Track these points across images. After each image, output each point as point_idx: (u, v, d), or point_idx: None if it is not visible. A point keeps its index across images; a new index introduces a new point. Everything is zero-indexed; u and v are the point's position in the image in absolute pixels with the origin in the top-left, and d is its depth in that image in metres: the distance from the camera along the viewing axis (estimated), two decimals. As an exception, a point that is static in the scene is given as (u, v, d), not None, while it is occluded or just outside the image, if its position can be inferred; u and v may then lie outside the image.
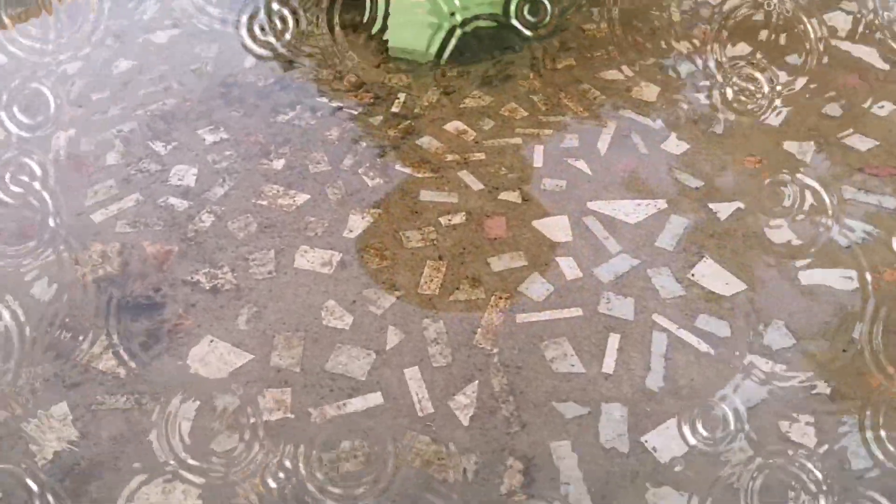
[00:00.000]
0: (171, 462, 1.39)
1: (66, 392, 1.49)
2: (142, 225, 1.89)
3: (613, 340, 1.53)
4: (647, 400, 1.45)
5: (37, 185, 1.98)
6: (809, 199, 1.91)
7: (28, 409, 1.45)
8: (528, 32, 2.60)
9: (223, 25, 2.74)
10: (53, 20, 2.66)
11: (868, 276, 1.69)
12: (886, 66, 2.37)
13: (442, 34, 2.51)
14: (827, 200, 1.92)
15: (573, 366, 1.50)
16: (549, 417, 1.41)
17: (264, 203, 1.96)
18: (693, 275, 1.69)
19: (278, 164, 2.09)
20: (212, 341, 1.59)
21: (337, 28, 2.71)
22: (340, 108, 2.31)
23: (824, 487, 1.32)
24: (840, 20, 2.57)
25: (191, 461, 1.38)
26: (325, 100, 2.33)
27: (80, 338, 1.60)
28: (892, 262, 1.74)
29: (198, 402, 1.46)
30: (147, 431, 1.42)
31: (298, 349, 1.57)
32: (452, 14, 2.55)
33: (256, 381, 1.51)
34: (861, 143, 2.07)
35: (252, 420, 1.42)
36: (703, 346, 1.52)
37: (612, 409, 1.41)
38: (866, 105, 2.23)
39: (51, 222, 1.87)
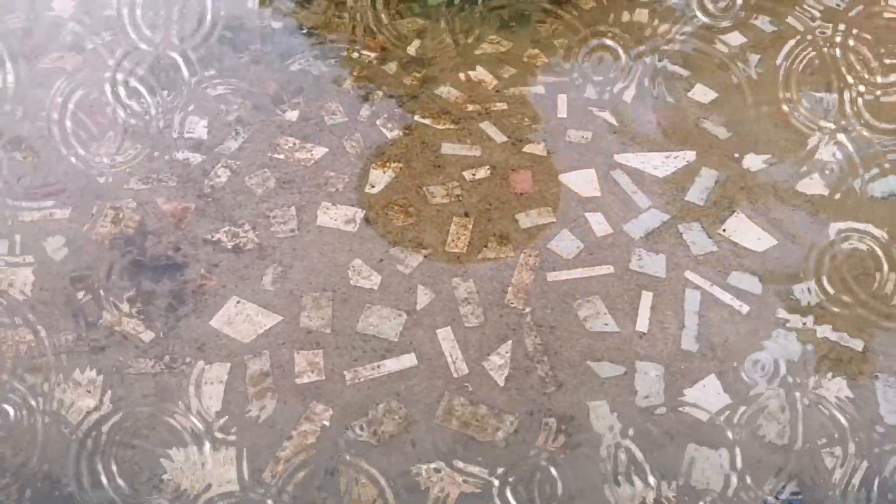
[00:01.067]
0: (202, 426, 1.39)
1: (93, 356, 1.47)
2: (155, 181, 1.83)
3: (646, 298, 1.52)
4: (683, 358, 1.45)
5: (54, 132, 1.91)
6: (837, 151, 1.88)
7: (55, 373, 1.44)
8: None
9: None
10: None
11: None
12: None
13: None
14: (854, 153, 1.89)
15: (607, 325, 1.49)
16: (584, 377, 1.41)
17: (281, 157, 1.89)
18: (724, 230, 1.67)
19: (292, 115, 2.01)
20: (238, 302, 1.56)
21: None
22: (350, 54, 2.22)
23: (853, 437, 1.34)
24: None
25: (225, 424, 1.38)
26: (337, 45, 2.24)
27: (101, 299, 1.57)
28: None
29: (229, 365, 1.45)
30: (179, 395, 1.42)
31: (327, 310, 1.55)
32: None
33: (287, 342, 1.49)
34: None
35: (285, 382, 1.41)
36: (737, 304, 1.51)
37: (647, 368, 1.41)
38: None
39: (75, 182, 1.81)
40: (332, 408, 1.38)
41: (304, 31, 2.29)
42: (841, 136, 1.89)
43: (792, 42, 2.11)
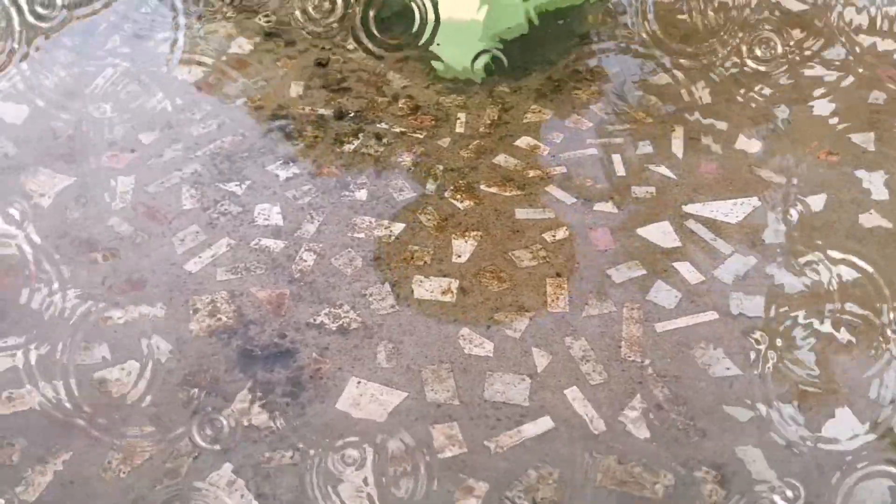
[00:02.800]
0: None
1: (225, 454, 1.42)
2: (243, 270, 1.82)
3: (757, 339, 1.58)
4: (810, 393, 1.50)
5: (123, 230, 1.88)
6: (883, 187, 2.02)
7: (191, 475, 1.38)
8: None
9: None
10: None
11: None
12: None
13: (488, 54, 2.53)
14: None
15: (728, 368, 1.54)
16: (724, 423, 1.44)
17: (361, 236, 1.92)
18: (809, 267, 1.76)
19: (361, 194, 2.05)
20: (359, 383, 1.55)
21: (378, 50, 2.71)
22: (404, 133, 2.29)
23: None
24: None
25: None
26: (385, 125, 2.31)
27: (219, 395, 1.53)
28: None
29: (367, 448, 1.42)
30: (327, 483, 1.38)
31: (450, 381, 1.55)
32: (496, 35, 2.57)
33: (419, 418, 1.48)
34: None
35: (429, 458, 1.39)
36: (844, 335, 1.59)
37: (780, 407, 1.46)
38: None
39: (148, 276, 1.79)
40: (483, 480, 1.37)
41: (351, 115, 2.36)
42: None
43: (820, 90, 2.30)
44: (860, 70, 2.43)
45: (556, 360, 1.57)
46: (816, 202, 1.94)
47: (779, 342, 1.58)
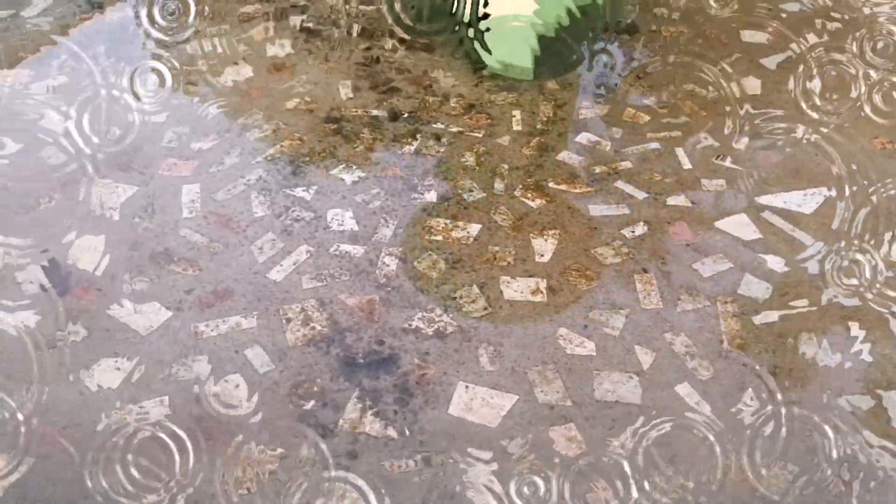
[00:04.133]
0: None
1: (351, 463, 1.41)
2: (328, 277, 1.80)
3: (855, 327, 1.61)
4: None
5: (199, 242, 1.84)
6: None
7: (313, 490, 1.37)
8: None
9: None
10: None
11: None
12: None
13: (537, 50, 2.52)
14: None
15: (833, 357, 1.56)
16: (842, 414, 1.47)
17: (439, 238, 1.90)
18: (892, 253, 1.80)
19: (430, 196, 2.04)
20: (467, 387, 1.54)
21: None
22: (462, 133, 2.28)
23: None
24: None
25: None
26: (441, 125, 2.29)
27: (329, 405, 1.51)
28: None
29: (489, 452, 1.42)
30: (456, 489, 1.37)
31: (558, 382, 1.55)
32: (546, 30, 2.57)
33: (534, 421, 1.48)
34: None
35: (556, 460, 1.40)
36: (937, 321, 1.63)
37: (892, 396, 1.49)
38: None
39: (233, 286, 1.76)
40: (606, 478, 1.38)
41: (405, 115, 2.34)
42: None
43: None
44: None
45: (660, 357, 1.59)
46: (890, 190, 1.98)
47: (877, 331, 1.61)
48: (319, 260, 1.84)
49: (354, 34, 2.76)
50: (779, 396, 1.49)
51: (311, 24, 2.82)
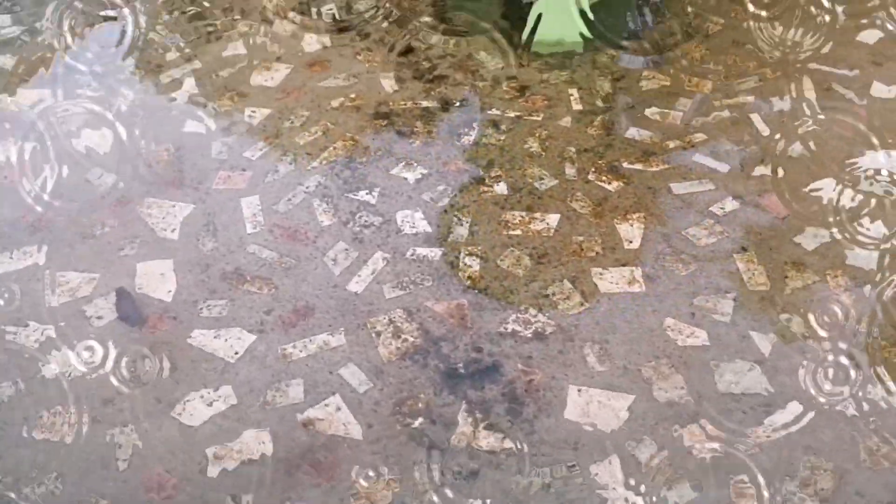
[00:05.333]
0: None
1: (471, 483, 1.34)
2: (410, 284, 1.72)
3: (981, 293, 1.53)
4: None
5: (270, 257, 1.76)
6: None
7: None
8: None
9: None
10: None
11: None
12: None
13: (582, 21, 2.41)
14: None
15: (963, 327, 1.49)
16: (980, 385, 1.39)
17: (517, 232, 1.82)
18: None
19: (500, 188, 1.94)
20: (580, 390, 1.47)
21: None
22: (520, 117, 2.18)
23: None
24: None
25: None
26: (497, 111, 2.19)
27: (438, 420, 1.44)
28: None
29: (617, 457, 1.35)
30: (590, 496, 1.30)
31: (676, 377, 1.47)
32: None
33: (661, 420, 1.40)
34: None
35: (690, 464, 1.33)
36: None
37: None
38: None
39: (314, 301, 1.68)
40: (750, 476, 1.31)
41: (457, 104, 2.24)
42: None
43: None
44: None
45: (780, 342, 1.50)
46: (982, 141, 1.89)
47: None
48: (398, 266, 1.76)
49: (387, 23, 2.66)
50: (916, 374, 1.42)
51: (338, 15, 2.71)
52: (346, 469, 1.36)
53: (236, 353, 1.59)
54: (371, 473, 1.34)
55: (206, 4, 2.77)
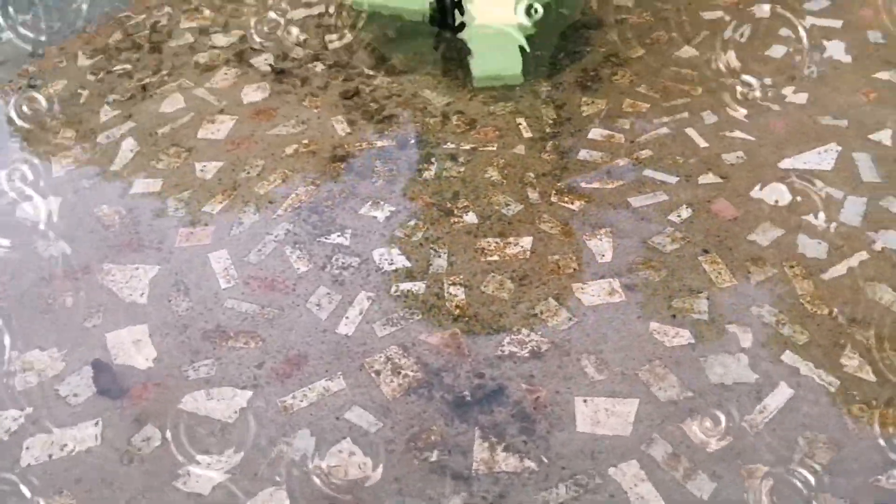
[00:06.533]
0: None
1: (499, 507, 1.34)
2: (399, 321, 1.72)
3: (916, 268, 1.71)
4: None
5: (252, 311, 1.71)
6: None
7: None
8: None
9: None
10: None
11: None
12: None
13: (521, 55, 2.52)
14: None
15: (908, 299, 1.65)
16: (933, 348, 1.55)
17: (495, 258, 1.86)
18: (916, 195, 1.92)
19: (469, 217, 1.99)
20: (586, 401, 1.51)
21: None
22: (476, 149, 2.24)
23: None
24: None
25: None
26: (452, 145, 2.25)
27: (455, 451, 1.43)
28: None
29: (634, 461, 1.40)
30: (617, 500, 1.33)
31: (671, 377, 1.54)
32: (528, 34, 2.57)
33: (666, 418, 1.46)
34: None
35: (701, 456, 1.39)
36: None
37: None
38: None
39: (305, 349, 1.64)
40: (759, 461, 1.39)
41: (412, 142, 2.28)
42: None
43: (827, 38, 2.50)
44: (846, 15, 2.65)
45: (754, 331, 1.62)
46: (884, 137, 2.12)
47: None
48: (384, 304, 1.76)
49: (325, 68, 2.69)
50: (872, 345, 1.56)
51: (277, 64, 2.71)
52: (374, 513, 1.35)
53: (234, 413, 1.53)
54: (397, 512, 1.33)
55: (129, 67, 2.72)
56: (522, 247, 1.90)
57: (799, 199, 1.94)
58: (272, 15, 3.03)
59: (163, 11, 3.08)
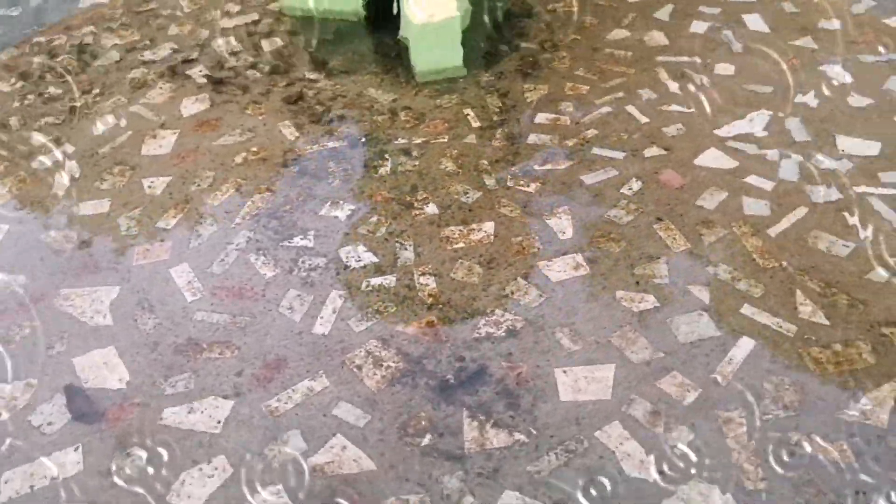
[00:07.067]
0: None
1: (498, 478, 1.37)
2: (374, 315, 1.72)
3: (850, 217, 1.82)
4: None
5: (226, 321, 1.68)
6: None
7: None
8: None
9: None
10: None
11: None
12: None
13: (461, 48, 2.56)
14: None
15: (847, 246, 1.75)
16: (872, 287, 1.66)
17: (461, 245, 1.89)
18: (843, 150, 2.05)
19: (430, 208, 2.01)
20: (565, 371, 1.56)
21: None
22: (427, 142, 2.27)
23: None
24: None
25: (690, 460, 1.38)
26: (404, 140, 2.27)
27: (446, 434, 1.45)
28: None
29: (616, 422, 1.45)
30: (606, 465, 1.38)
31: (642, 339, 1.61)
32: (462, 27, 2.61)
33: (642, 379, 1.52)
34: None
35: (678, 409, 1.45)
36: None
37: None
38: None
39: (284, 352, 1.62)
40: (733, 409, 1.46)
41: (363, 140, 2.29)
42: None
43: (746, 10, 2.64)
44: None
45: (714, 289, 1.70)
46: (808, 99, 2.26)
47: (867, 214, 1.84)
48: (357, 300, 1.77)
49: (263, 75, 2.66)
50: (819, 290, 1.67)
51: (214, 74, 2.67)
52: (378, 501, 1.35)
53: (218, 422, 1.51)
54: (402, 498, 1.34)
55: (56, 89, 2.62)
56: (486, 232, 1.94)
57: (738, 163, 2.06)
58: (202, 30, 2.98)
59: (84, 31, 2.98)
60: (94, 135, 2.40)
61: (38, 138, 2.42)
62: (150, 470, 1.42)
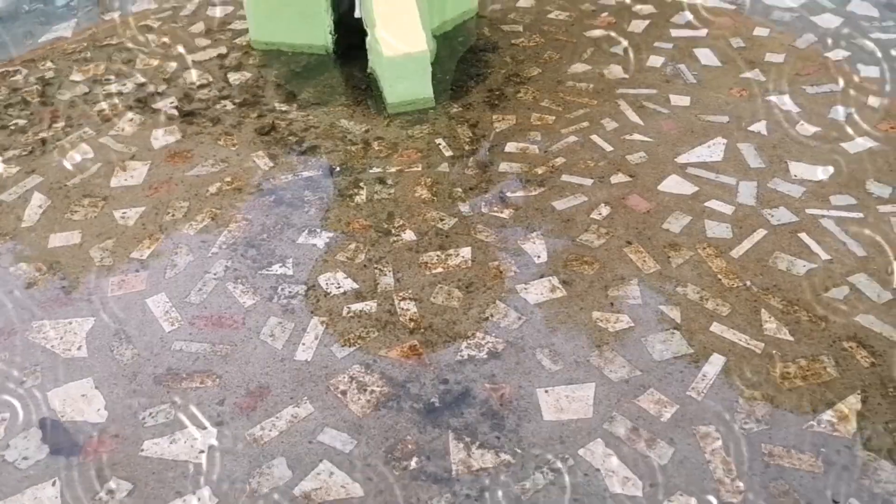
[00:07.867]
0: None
1: (486, 499, 1.37)
2: (357, 340, 1.73)
3: (805, 238, 1.93)
4: (880, 263, 1.87)
5: (206, 350, 1.67)
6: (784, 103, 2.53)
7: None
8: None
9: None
10: None
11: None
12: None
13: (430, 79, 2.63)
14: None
15: (805, 266, 1.85)
16: (833, 305, 1.76)
17: (440, 270, 1.92)
18: (795, 175, 2.17)
19: (408, 235, 2.04)
20: (546, 391, 1.59)
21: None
22: (402, 171, 2.31)
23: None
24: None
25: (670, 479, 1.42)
26: (378, 169, 2.31)
27: (433, 458, 1.46)
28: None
29: (599, 439, 1.48)
30: (592, 482, 1.41)
31: (619, 358, 1.66)
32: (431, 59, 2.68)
33: (621, 397, 1.57)
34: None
35: (657, 426, 1.50)
36: (850, 214, 2.01)
37: (861, 278, 1.81)
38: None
39: (266, 380, 1.61)
40: (709, 423, 1.52)
41: (338, 169, 2.32)
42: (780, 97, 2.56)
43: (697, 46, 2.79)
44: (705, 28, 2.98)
45: (684, 308, 1.77)
46: (760, 127, 2.39)
47: (821, 235, 1.95)
48: (338, 326, 1.78)
49: (234, 106, 2.67)
50: (782, 308, 1.76)
51: (183, 106, 2.67)
52: (362, 526, 1.35)
53: (201, 452, 1.49)
54: (390, 521, 1.34)
55: (22, 122, 2.58)
56: (463, 257, 1.98)
57: (698, 188, 2.16)
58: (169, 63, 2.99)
59: (46, 65, 2.95)
60: (63, 167, 2.38)
61: (5, 170, 2.38)
62: (132, 502, 1.39)
